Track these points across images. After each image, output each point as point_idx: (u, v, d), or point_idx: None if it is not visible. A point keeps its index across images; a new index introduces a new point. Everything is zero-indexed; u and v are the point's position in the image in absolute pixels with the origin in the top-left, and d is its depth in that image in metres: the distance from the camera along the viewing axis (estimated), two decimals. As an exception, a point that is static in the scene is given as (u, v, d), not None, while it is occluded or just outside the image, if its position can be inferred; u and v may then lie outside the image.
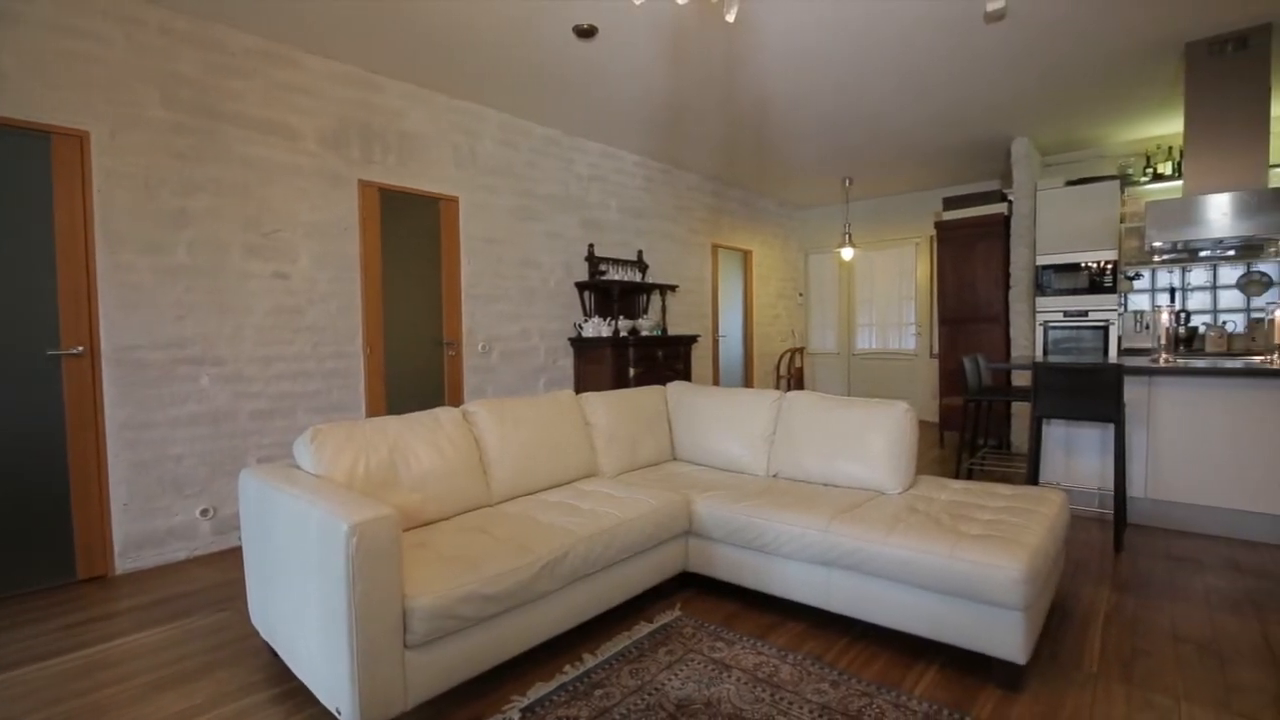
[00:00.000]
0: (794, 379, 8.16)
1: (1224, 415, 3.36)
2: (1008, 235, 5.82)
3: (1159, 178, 5.32)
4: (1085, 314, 5.23)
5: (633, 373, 5.29)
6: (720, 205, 7.27)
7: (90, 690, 2.09)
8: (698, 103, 4.69)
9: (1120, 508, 3.26)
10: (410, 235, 5.01)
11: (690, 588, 2.85)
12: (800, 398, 3.12)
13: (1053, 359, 4.00)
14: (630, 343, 5.29)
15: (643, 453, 3.32)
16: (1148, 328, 5.54)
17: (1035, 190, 5.52)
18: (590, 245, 5.58)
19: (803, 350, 8.56)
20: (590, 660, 2.20)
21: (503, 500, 2.69)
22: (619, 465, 3.19)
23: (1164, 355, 3.76)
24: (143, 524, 3.19)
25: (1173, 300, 5.53)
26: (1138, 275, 5.66)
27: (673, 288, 6.25)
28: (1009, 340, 5.85)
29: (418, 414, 2.60)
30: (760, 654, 2.24)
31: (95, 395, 3.05)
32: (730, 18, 2.29)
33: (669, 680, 2.07)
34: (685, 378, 5.94)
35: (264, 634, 2.19)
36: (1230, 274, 5.28)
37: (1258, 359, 3.70)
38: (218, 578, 3.06)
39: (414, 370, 4.69)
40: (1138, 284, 5.68)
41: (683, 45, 3.73)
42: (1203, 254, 4.88)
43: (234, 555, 3.36)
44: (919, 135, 5.56)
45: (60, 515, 2.98)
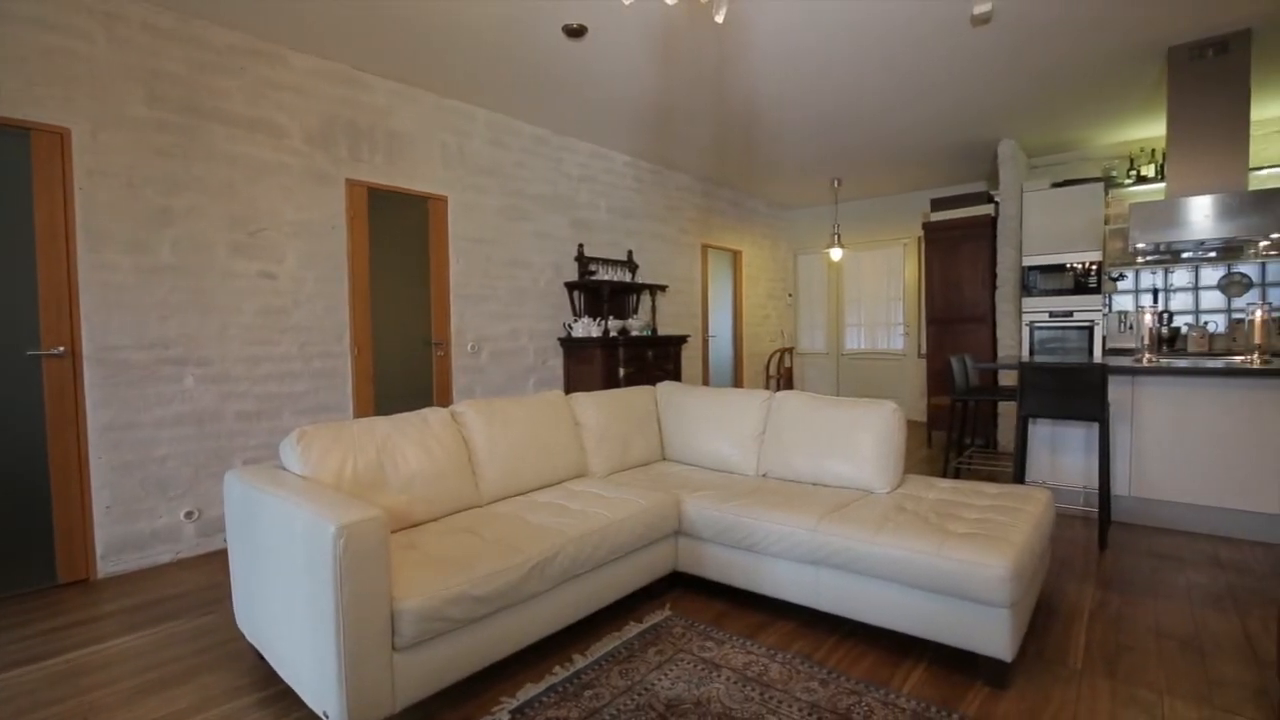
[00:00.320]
0: (783, 379, 8.19)
1: (1205, 414, 3.41)
2: (994, 236, 5.87)
3: (1142, 180, 5.39)
4: (1070, 314, 5.29)
5: (623, 373, 5.28)
6: (710, 205, 7.29)
7: (72, 695, 2.06)
8: (687, 103, 4.69)
9: (1105, 506, 3.30)
10: (398, 235, 4.99)
11: (680, 587, 2.85)
12: (789, 398, 3.13)
13: (1038, 359, 4.04)
14: (620, 343, 5.29)
15: (633, 453, 3.32)
16: (1131, 328, 5.62)
17: (1021, 192, 5.58)
18: (580, 245, 5.57)
19: (792, 350, 8.60)
20: (580, 661, 2.19)
21: (492, 501, 2.68)
22: (609, 465, 3.19)
23: (1147, 355, 3.81)
24: (126, 526, 3.15)
25: (1156, 301, 5.60)
26: (1122, 276, 5.73)
27: (663, 288, 6.26)
28: (995, 340, 5.90)
29: (406, 415, 2.58)
30: (750, 653, 2.24)
31: (77, 396, 3.01)
32: (719, 18, 2.30)
33: (659, 680, 2.07)
34: (675, 378, 5.95)
35: (250, 637, 2.17)
36: (1212, 275, 5.36)
37: (1238, 359, 3.75)
38: (203, 581, 3.03)
39: (402, 371, 4.66)
40: (1122, 285, 5.75)
41: (672, 45, 3.74)
42: (1185, 255, 4.95)
43: (219, 558, 3.32)
44: (907, 136, 5.60)
45: (41, 518, 2.94)
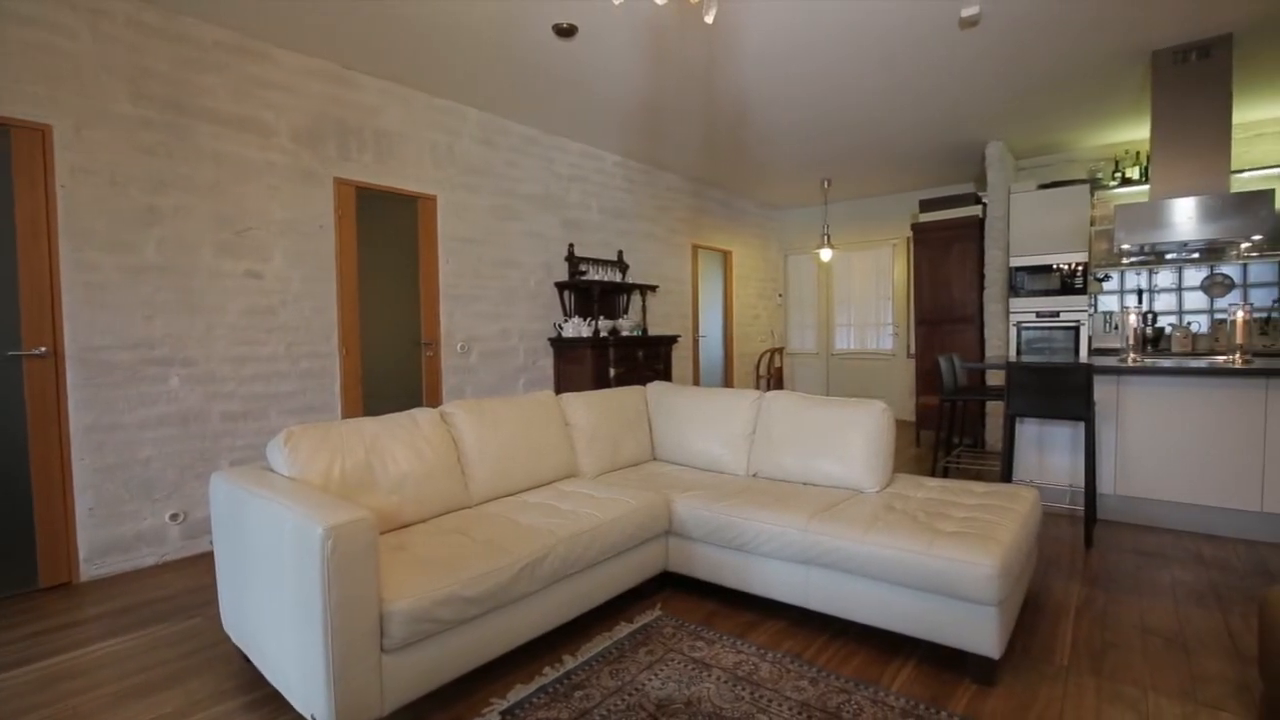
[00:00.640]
0: (773, 379, 8.22)
1: (1189, 414, 3.46)
2: (982, 237, 5.92)
3: (1127, 181, 5.46)
4: (1057, 315, 5.34)
5: (613, 373, 5.28)
6: (700, 206, 7.30)
7: (55, 701, 2.03)
8: (678, 103, 4.70)
9: (1090, 504, 3.33)
10: (387, 234, 4.94)
11: (670, 587, 2.85)
12: (779, 397, 3.14)
13: (1026, 359, 4.08)
14: (610, 343, 5.29)
15: (623, 453, 3.32)
16: (1117, 328, 5.69)
17: (1009, 193, 5.63)
18: (570, 245, 5.56)
19: (782, 350, 8.63)
20: (570, 661, 2.19)
21: (482, 502, 2.67)
22: (599, 466, 3.18)
23: (1132, 355, 3.85)
24: (109, 529, 3.11)
25: (1140, 301, 5.67)
26: (1107, 277, 5.80)
27: (653, 288, 6.26)
28: (983, 340, 5.95)
29: (395, 415, 2.57)
30: (740, 652, 2.24)
31: (59, 397, 2.96)
32: (709, 19, 2.30)
33: (649, 680, 2.07)
34: (666, 378, 5.95)
35: (236, 640, 2.14)
36: (1195, 276, 5.43)
37: (1221, 359, 3.80)
38: (188, 583, 2.99)
39: (391, 371, 4.63)
40: (1107, 285, 5.82)
41: (663, 45, 3.74)
42: (1169, 256, 5.01)
43: (205, 560, 3.28)
44: (896, 138, 5.64)
45: (22, 521, 2.89)
